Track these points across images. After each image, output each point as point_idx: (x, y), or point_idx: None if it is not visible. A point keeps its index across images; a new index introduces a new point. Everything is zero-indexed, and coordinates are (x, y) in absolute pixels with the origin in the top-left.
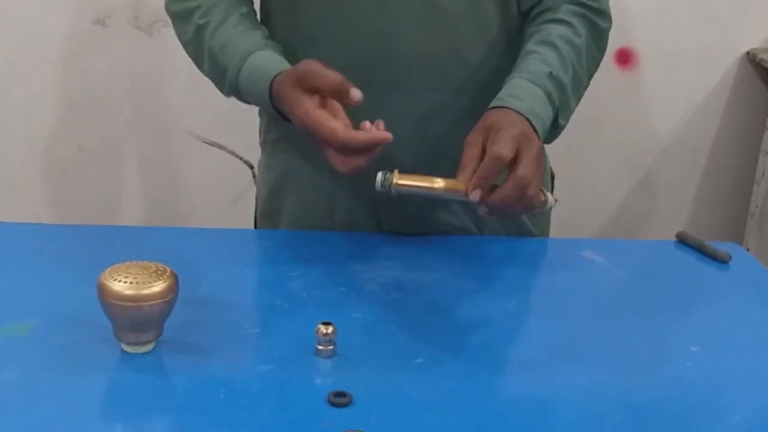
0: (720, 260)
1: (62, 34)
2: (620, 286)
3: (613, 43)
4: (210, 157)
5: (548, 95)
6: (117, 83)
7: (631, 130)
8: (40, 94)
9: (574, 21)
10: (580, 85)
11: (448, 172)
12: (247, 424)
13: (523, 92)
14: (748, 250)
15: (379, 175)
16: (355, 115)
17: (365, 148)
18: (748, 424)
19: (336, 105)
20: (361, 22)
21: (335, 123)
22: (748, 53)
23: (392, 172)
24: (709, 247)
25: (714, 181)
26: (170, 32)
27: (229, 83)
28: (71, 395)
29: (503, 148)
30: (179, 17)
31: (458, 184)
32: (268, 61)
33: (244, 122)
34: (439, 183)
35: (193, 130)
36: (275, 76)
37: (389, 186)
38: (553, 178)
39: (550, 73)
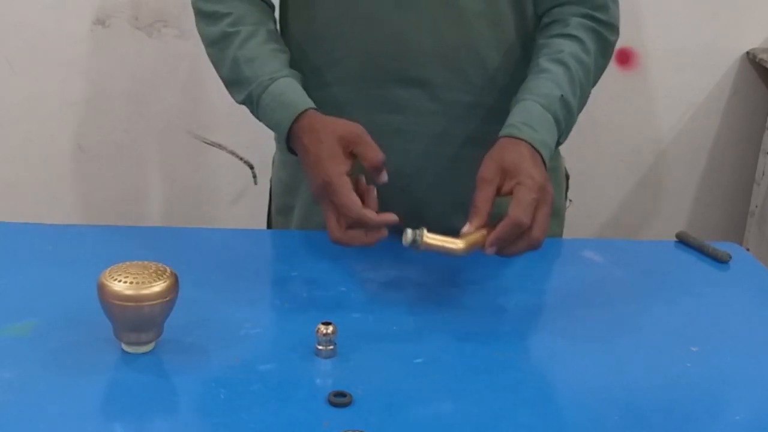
0: (720, 260)
1: (62, 34)
2: (620, 286)
3: None
4: (210, 157)
5: (557, 121)
6: (117, 83)
7: (631, 130)
8: (40, 94)
9: (584, 36)
10: (585, 99)
11: (458, 170)
12: (247, 424)
13: (536, 120)
14: (748, 250)
15: (409, 233)
16: (371, 111)
17: (372, 227)
18: (748, 424)
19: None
20: (377, 19)
21: (356, 196)
22: (748, 53)
23: (421, 230)
24: (709, 247)
25: (714, 181)
26: (170, 32)
27: (249, 95)
28: (71, 395)
29: (524, 215)
30: (206, 17)
31: (477, 239)
32: (300, 93)
33: (244, 122)
34: (459, 244)
35: (193, 130)
36: (305, 111)
37: (419, 244)
38: (567, 178)
39: (562, 96)
